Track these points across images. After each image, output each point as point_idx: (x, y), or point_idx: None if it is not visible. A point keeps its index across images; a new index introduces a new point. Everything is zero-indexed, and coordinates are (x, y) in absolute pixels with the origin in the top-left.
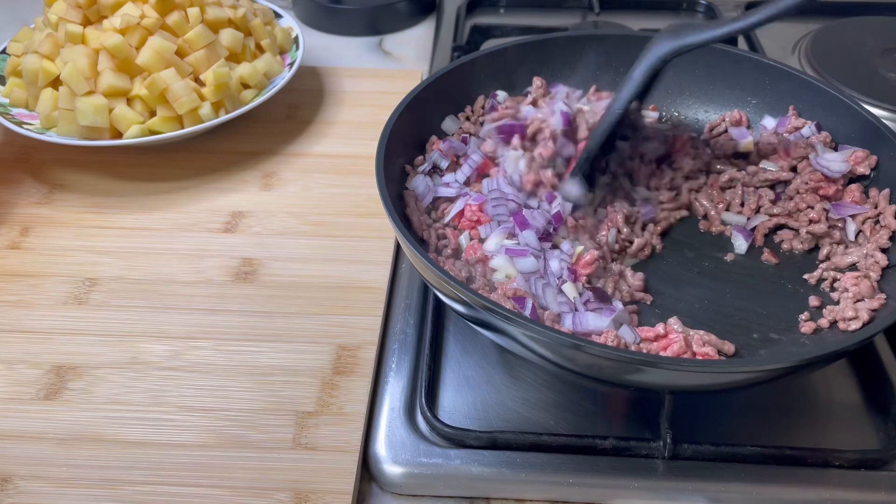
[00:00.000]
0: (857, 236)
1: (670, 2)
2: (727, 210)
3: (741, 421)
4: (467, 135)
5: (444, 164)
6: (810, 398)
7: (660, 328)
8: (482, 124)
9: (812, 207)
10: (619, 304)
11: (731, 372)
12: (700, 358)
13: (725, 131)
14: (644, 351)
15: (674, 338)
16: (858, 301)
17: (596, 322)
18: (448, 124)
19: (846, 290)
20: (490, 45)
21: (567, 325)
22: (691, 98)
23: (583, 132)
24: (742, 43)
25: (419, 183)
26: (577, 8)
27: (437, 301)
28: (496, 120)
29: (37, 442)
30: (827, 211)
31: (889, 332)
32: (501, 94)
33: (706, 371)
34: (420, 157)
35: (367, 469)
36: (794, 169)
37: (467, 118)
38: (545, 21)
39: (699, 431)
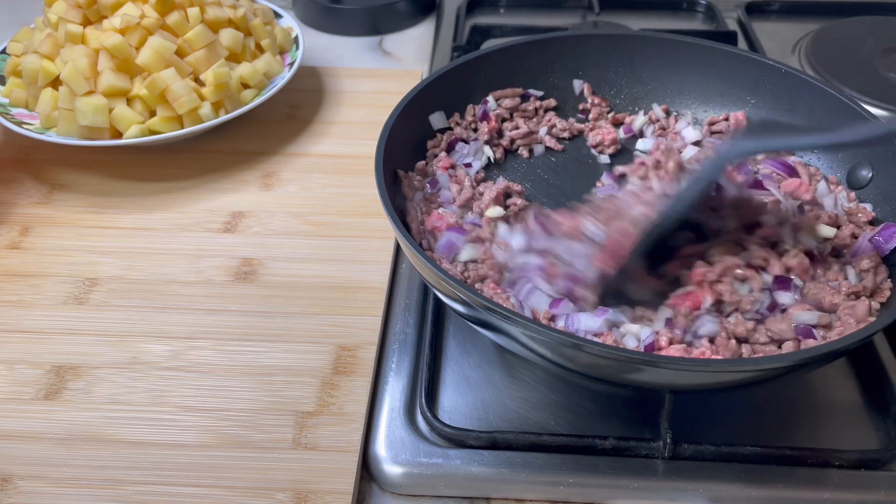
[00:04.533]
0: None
1: (670, 2)
2: None
3: (741, 421)
4: (462, 140)
5: (448, 184)
6: (810, 398)
7: (662, 341)
8: (475, 129)
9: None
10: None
11: (731, 371)
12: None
13: (725, 118)
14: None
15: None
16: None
17: (588, 322)
18: (436, 120)
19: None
20: (490, 44)
21: (560, 325)
22: (690, 97)
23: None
24: (742, 43)
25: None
26: (577, 8)
27: (437, 301)
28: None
29: (37, 442)
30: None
31: (889, 331)
32: (492, 102)
33: (706, 370)
34: (422, 163)
35: (367, 469)
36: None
37: (457, 123)
38: (545, 21)
39: (699, 431)
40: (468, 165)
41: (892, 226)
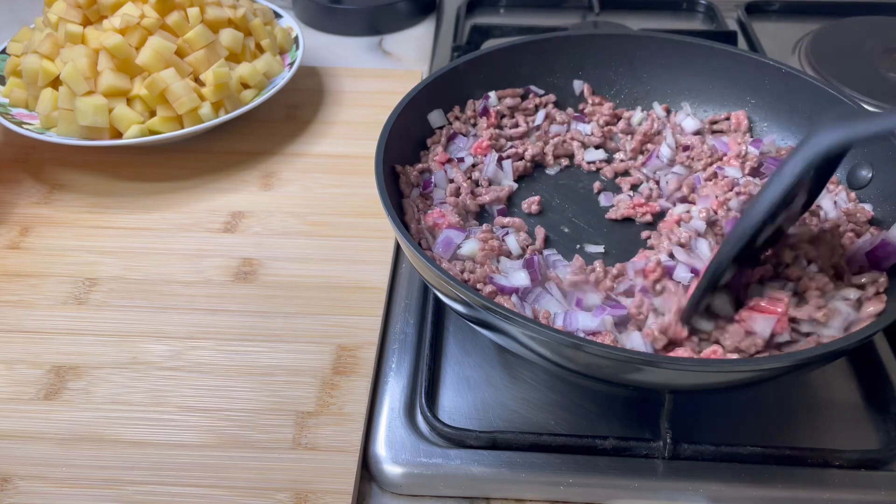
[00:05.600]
0: None
1: (670, 2)
2: None
3: (741, 421)
4: (461, 134)
5: (444, 183)
6: (810, 398)
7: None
8: (474, 125)
9: None
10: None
11: (731, 371)
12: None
13: (726, 118)
14: None
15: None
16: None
17: (586, 322)
18: (434, 118)
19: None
20: (490, 45)
21: (558, 324)
22: (690, 97)
23: None
24: (742, 43)
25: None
26: (577, 8)
27: (437, 301)
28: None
29: (37, 442)
30: None
31: (889, 331)
32: (493, 98)
33: (706, 370)
34: (421, 164)
35: (367, 469)
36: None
37: (456, 118)
38: (545, 21)
39: (699, 431)
40: (461, 160)
41: (887, 244)
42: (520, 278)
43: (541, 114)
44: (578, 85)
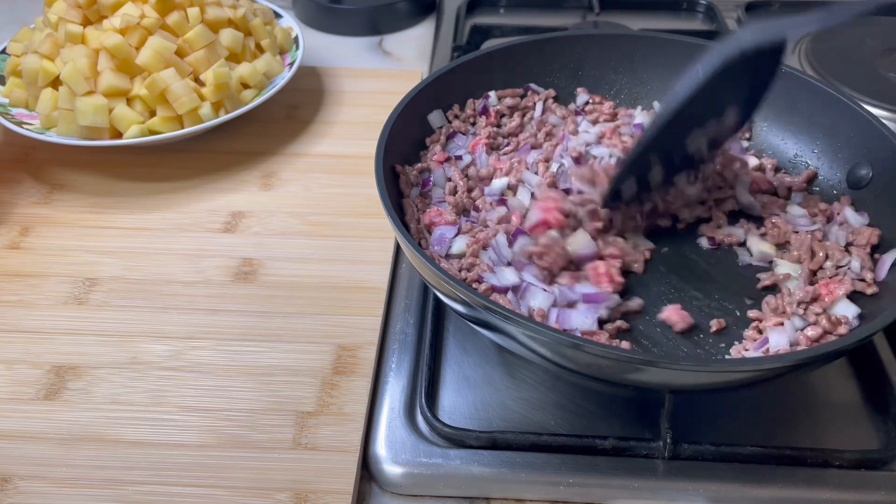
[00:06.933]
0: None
1: (670, 2)
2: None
3: (741, 421)
4: (460, 133)
5: (443, 182)
6: (810, 398)
7: None
8: (473, 124)
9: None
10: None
11: (731, 371)
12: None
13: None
14: None
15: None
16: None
17: (579, 320)
18: (434, 118)
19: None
20: (490, 45)
21: (551, 321)
22: None
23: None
24: None
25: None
26: (577, 8)
27: (437, 301)
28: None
29: (37, 442)
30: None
31: (889, 331)
32: (493, 97)
33: (706, 370)
34: (420, 164)
35: (367, 469)
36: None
37: (455, 116)
38: (545, 21)
39: (699, 431)
40: (458, 158)
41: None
42: (507, 277)
43: (539, 106)
44: (582, 98)
